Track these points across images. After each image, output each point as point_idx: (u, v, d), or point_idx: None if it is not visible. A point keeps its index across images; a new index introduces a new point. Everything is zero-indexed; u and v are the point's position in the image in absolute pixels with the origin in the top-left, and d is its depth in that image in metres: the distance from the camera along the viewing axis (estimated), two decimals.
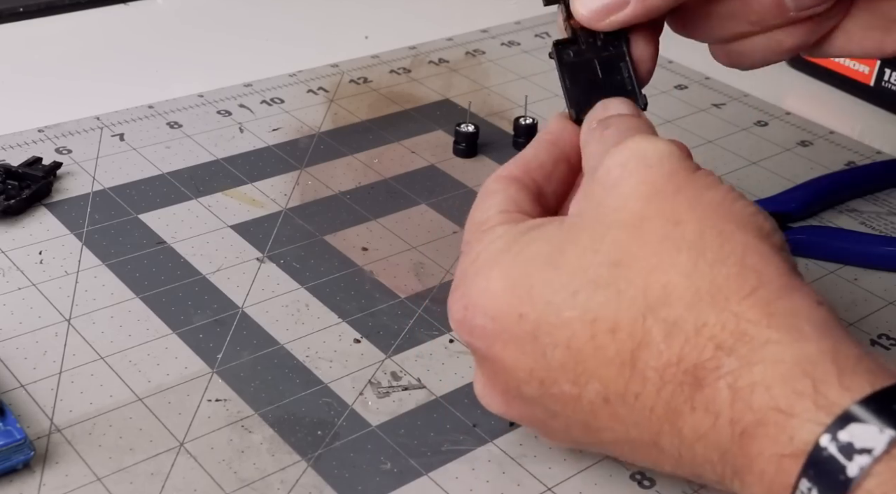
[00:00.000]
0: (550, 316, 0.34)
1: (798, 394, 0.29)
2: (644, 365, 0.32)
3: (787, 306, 0.31)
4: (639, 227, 0.33)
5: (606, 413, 0.33)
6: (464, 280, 0.36)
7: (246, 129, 0.59)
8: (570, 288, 0.33)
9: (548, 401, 0.35)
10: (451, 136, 0.59)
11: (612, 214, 0.34)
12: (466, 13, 0.76)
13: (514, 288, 0.35)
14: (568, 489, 0.39)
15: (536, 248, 0.35)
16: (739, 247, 0.33)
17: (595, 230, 0.34)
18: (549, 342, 0.34)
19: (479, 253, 0.36)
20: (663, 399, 0.32)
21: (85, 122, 0.58)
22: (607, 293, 0.33)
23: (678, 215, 0.33)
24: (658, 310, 0.32)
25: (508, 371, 0.35)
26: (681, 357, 0.31)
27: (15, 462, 0.37)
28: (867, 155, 0.61)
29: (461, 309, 0.36)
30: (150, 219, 0.51)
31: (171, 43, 0.70)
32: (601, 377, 0.33)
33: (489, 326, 0.35)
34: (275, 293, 0.47)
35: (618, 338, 0.32)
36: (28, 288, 0.46)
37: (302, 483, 0.38)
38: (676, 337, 0.32)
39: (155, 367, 0.42)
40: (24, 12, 0.71)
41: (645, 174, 0.34)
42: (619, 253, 0.33)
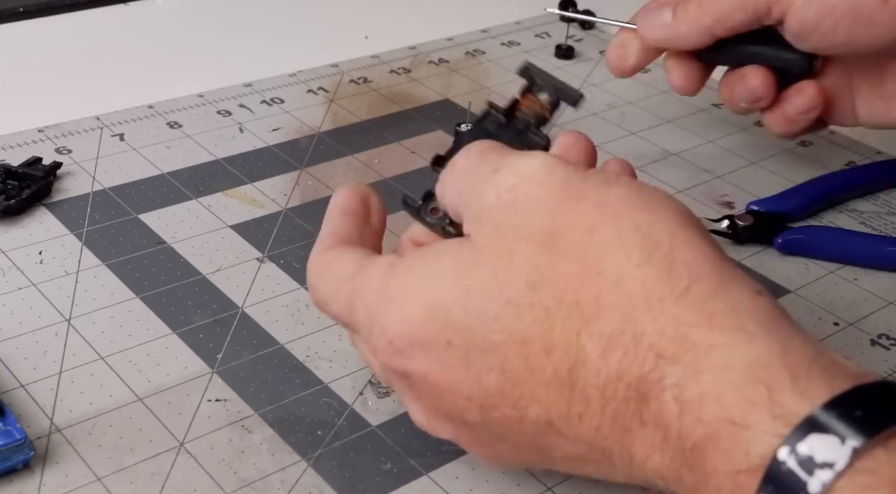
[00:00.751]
0: (478, 341, 0.32)
1: (751, 404, 0.28)
2: (584, 384, 0.31)
3: (727, 302, 0.30)
4: (552, 242, 0.32)
5: (553, 434, 0.32)
6: (375, 316, 0.34)
7: (246, 129, 0.59)
8: (489, 312, 0.32)
9: (492, 426, 0.33)
10: (451, 136, 0.59)
11: (516, 231, 0.32)
12: (466, 13, 0.76)
13: (432, 315, 0.33)
14: (568, 489, 0.39)
15: (441, 267, 0.33)
16: (665, 240, 0.31)
17: (501, 249, 0.32)
18: (483, 367, 0.32)
19: (374, 286, 0.35)
20: (608, 416, 0.30)
21: (85, 122, 0.58)
22: (533, 314, 0.31)
23: (589, 221, 0.32)
24: (592, 325, 0.30)
25: (446, 398, 0.34)
26: (620, 372, 0.30)
27: (15, 462, 0.37)
28: (867, 155, 0.61)
29: (385, 346, 0.34)
30: (150, 219, 0.51)
31: (171, 43, 0.70)
32: (541, 399, 0.31)
33: (420, 355, 0.33)
34: (275, 293, 0.47)
35: (553, 358, 0.31)
36: (28, 288, 0.46)
37: (302, 483, 0.38)
38: (614, 350, 0.30)
39: (155, 367, 0.42)
40: (24, 12, 0.71)
41: (539, 191, 0.33)
42: (535, 272, 0.31)
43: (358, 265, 0.36)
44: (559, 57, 0.70)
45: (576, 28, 0.74)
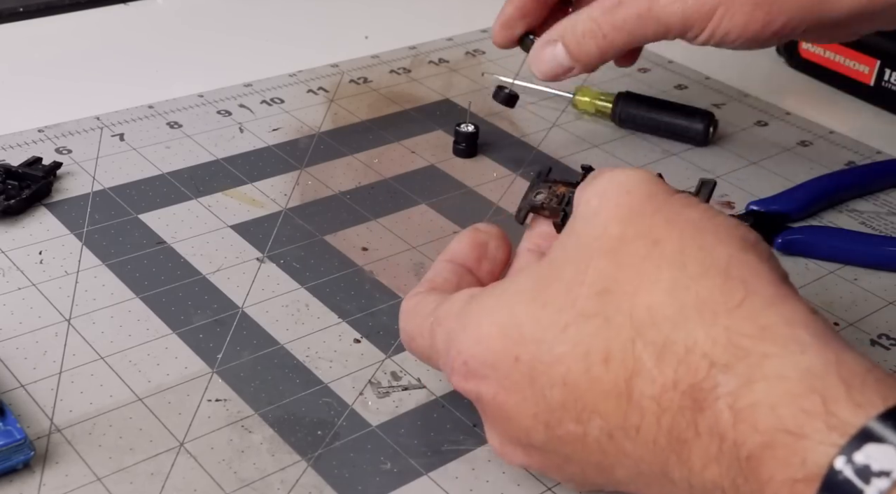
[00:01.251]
0: (543, 354, 0.33)
1: (807, 413, 0.28)
2: (640, 395, 0.31)
3: (781, 315, 0.30)
4: (618, 251, 0.33)
5: (613, 450, 0.32)
6: (452, 340, 0.36)
7: (246, 129, 0.59)
8: (559, 324, 0.33)
9: (557, 445, 0.34)
10: (451, 136, 0.59)
11: (593, 243, 0.34)
12: (466, 13, 0.76)
13: (505, 331, 0.34)
14: (568, 489, 0.39)
15: (519, 286, 0.35)
16: (723, 259, 0.32)
17: (578, 261, 0.33)
18: (547, 382, 0.33)
19: (458, 313, 0.36)
20: (664, 428, 0.31)
21: (85, 122, 0.58)
22: (596, 322, 0.32)
23: (656, 234, 0.33)
24: (646, 334, 0.31)
25: (514, 419, 0.34)
26: (676, 380, 0.30)
27: (15, 462, 0.37)
28: (867, 155, 0.61)
29: (461, 365, 0.35)
30: (150, 219, 0.51)
31: (171, 43, 0.70)
32: (601, 411, 0.32)
33: (491, 375, 0.34)
34: (275, 293, 0.47)
35: (611, 368, 0.32)
36: (28, 288, 0.46)
37: (302, 483, 0.38)
38: (668, 359, 0.30)
39: (155, 367, 0.42)
40: (24, 12, 0.71)
41: (623, 199, 0.34)
42: (603, 280, 0.33)
43: (439, 302, 0.38)
44: None
45: None
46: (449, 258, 0.41)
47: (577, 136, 0.61)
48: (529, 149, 0.60)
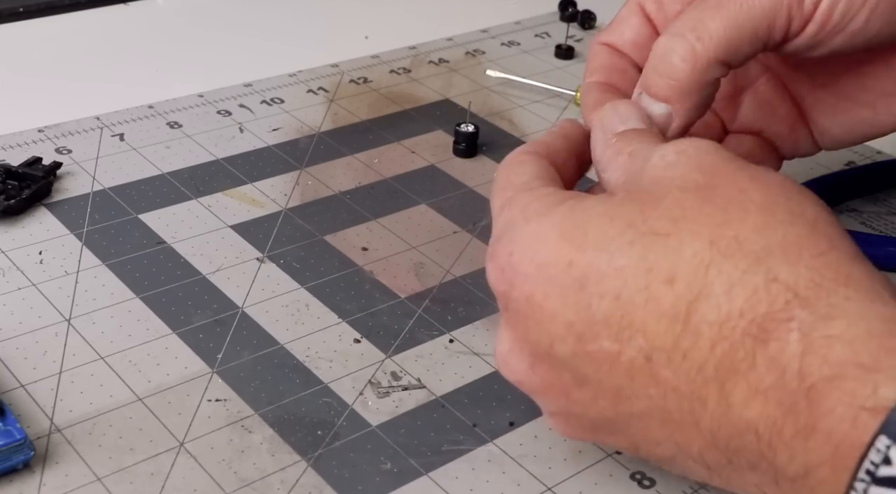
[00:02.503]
0: (602, 263, 0.32)
1: (886, 350, 0.27)
2: (699, 320, 0.30)
3: (864, 271, 0.30)
4: (702, 191, 0.32)
5: (645, 375, 0.31)
6: (510, 228, 0.34)
7: (246, 129, 0.59)
8: (625, 237, 0.32)
9: (581, 362, 0.33)
10: (451, 136, 0.59)
11: (671, 182, 0.33)
12: (466, 13, 0.76)
13: (567, 235, 0.33)
14: (568, 489, 0.39)
15: (592, 203, 0.34)
16: (810, 213, 0.32)
17: (655, 192, 0.33)
18: (597, 291, 0.32)
19: (528, 204, 0.35)
20: (716, 356, 0.30)
21: (85, 122, 0.58)
22: (667, 242, 0.31)
23: (743, 185, 0.32)
24: (724, 262, 0.30)
25: (544, 324, 0.33)
26: (745, 309, 0.29)
27: (15, 462, 0.37)
28: (867, 155, 0.61)
29: (506, 256, 0.34)
30: (150, 219, 0.51)
31: (171, 43, 0.70)
32: (648, 332, 0.31)
33: (533, 273, 0.33)
34: (275, 293, 0.47)
35: (675, 289, 0.31)
36: (28, 288, 0.46)
37: (302, 483, 0.38)
38: (742, 288, 0.30)
39: (155, 367, 0.42)
40: (24, 12, 0.71)
41: (704, 157, 0.33)
42: (682, 210, 0.32)
43: (529, 181, 0.36)
44: (559, 57, 0.70)
45: (576, 28, 0.74)
46: (564, 134, 0.40)
47: None
48: None
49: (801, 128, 0.45)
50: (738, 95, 0.46)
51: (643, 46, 0.42)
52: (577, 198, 0.34)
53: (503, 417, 0.41)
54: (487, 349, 0.45)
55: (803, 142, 0.46)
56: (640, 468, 0.40)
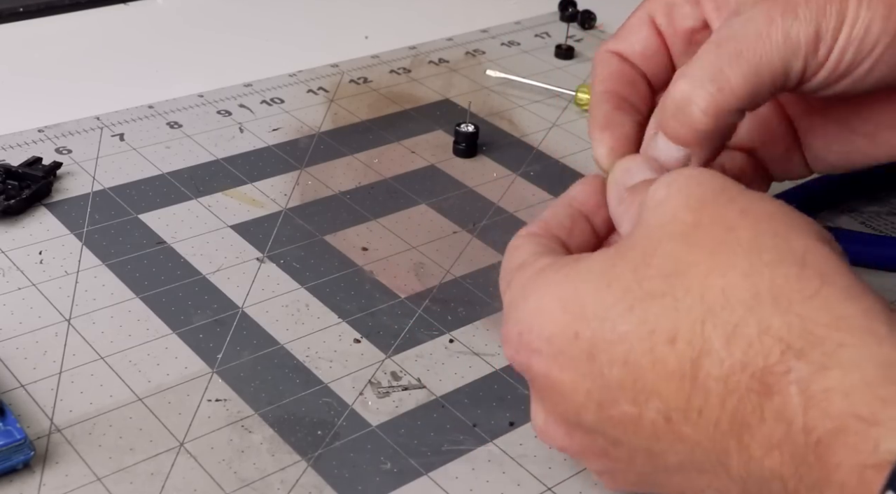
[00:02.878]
0: (606, 332, 0.32)
1: (882, 401, 0.27)
2: (706, 376, 0.30)
3: (857, 308, 0.30)
4: (691, 235, 0.32)
5: (669, 434, 0.32)
6: (514, 309, 0.35)
7: (246, 129, 0.59)
8: (624, 304, 0.32)
9: (608, 427, 0.33)
10: (451, 136, 0.59)
11: (662, 229, 0.33)
12: (466, 13, 0.76)
13: (567, 307, 0.33)
14: (568, 489, 0.39)
15: (586, 267, 0.34)
16: (799, 249, 0.31)
17: (646, 246, 0.33)
18: (606, 359, 0.32)
19: (525, 282, 0.36)
20: (728, 411, 0.30)
21: (85, 122, 0.58)
22: (664, 303, 0.31)
23: (731, 222, 0.32)
24: (717, 315, 0.30)
25: (567, 396, 0.34)
26: (745, 363, 0.30)
27: (15, 462, 0.37)
28: None
29: (515, 336, 0.35)
30: (150, 219, 0.51)
31: (171, 43, 0.70)
32: (661, 393, 0.31)
33: (545, 349, 0.34)
34: (275, 293, 0.47)
35: (677, 349, 0.31)
36: (28, 288, 0.46)
37: (302, 483, 0.38)
38: (738, 342, 0.30)
39: (155, 367, 0.42)
40: (24, 12, 0.71)
41: (694, 189, 0.33)
42: (672, 263, 0.32)
43: (524, 260, 0.37)
44: (559, 57, 0.70)
45: (576, 28, 0.74)
46: (568, 202, 0.40)
47: (578, 136, 0.61)
48: (529, 148, 0.60)
49: (795, 152, 0.45)
50: None
51: (652, 58, 0.42)
52: (573, 264, 0.35)
53: (503, 417, 0.41)
54: (487, 349, 0.45)
55: (796, 165, 0.45)
56: None
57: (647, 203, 0.34)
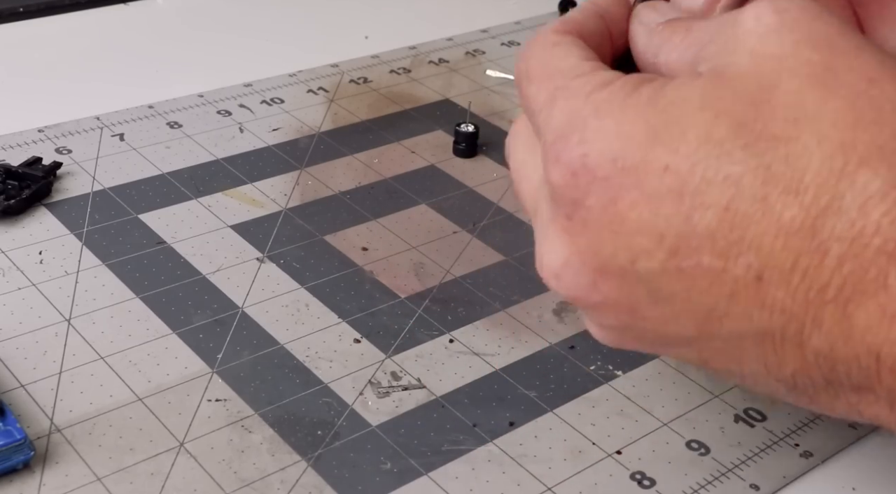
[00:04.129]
0: (708, 171, 0.27)
1: None
2: (829, 234, 0.27)
3: None
4: (823, 78, 0.27)
5: (751, 296, 0.28)
6: (578, 123, 0.30)
7: (246, 129, 0.59)
8: (738, 140, 0.27)
9: (669, 280, 0.29)
10: (451, 136, 0.59)
11: (781, 62, 0.28)
12: (466, 13, 0.76)
13: (660, 134, 0.28)
14: (568, 489, 0.39)
15: (679, 94, 0.29)
16: None
17: (760, 77, 0.28)
18: (700, 202, 0.28)
19: (592, 92, 0.30)
20: (842, 274, 0.26)
21: (85, 122, 0.58)
22: (791, 148, 0.27)
23: (870, 72, 0.27)
24: (858, 171, 0.26)
25: (626, 236, 0.29)
26: (881, 226, 0.26)
27: (15, 462, 0.37)
28: None
29: (578, 157, 0.29)
30: (150, 219, 0.51)
31: (171, 43, 0.70)
32: (762, 248, 0.27)
33: (616, 179, 0.29)
34: (275, 293, 0.47)
35: (800, 201, 0.27)
36: (28, 288, 0.46)
37: (302, 483, 0.38)
38: (877, 205, 0.26)
39: (155, 367, 0.42)
40: (24, 12, 0.71)
41: (813, 23, 0.28)
42: (801, 107, 0.27)
43: (578, 66, 0.31)
44: None
45: None
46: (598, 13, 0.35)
47: None
48: None
49: None
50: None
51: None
52: (655, 84, 0.29)
53: (503, 417, 0.41)
54: (487, 349, 0.45)
55: None
56: (640, 468, 0.40)
57: (748, 27, 0.29)
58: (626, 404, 0.43)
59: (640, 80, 0.30)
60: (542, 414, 0.42)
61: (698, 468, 0.40)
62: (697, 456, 0.40)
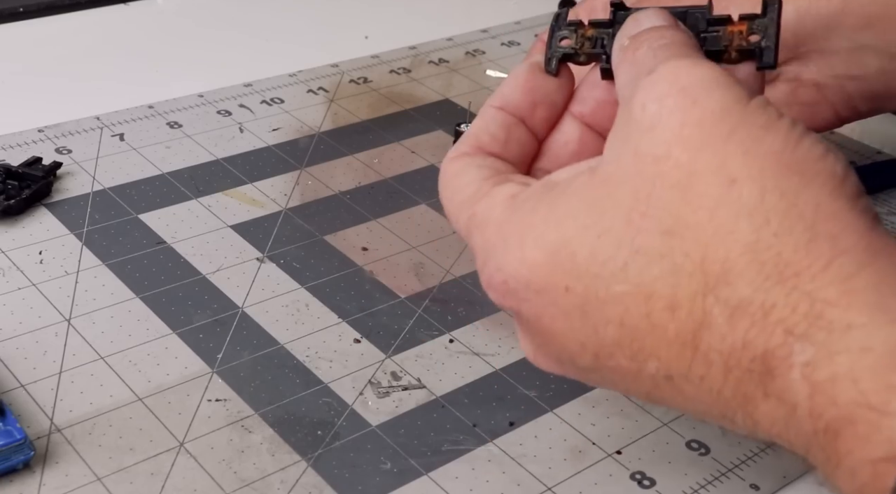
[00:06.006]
0: (599, 290, 0.30)
1: (892, 389, 0.26)
2: (707, 348, 0.29)
3: (870, 279, 0.27)
4: (689, 187, 0.29)
5: (669, 389, 0.30)
6: (492, 253, 0.33)
7: (246, 129, 0.59)
8: (618, 260, 0.30)
9: (605, 372, 0.32)
10: (451, 136, 0.59)
11: (655, 166, 0.30)
12: (466, 13, 0.76)
13: (555, 258, 0.31)
14: (568, 489, 0.39)
15: (569, 207, 0.31)
16: (809, 210, 0.28)
17: (638, 187, 0.30)
18: (601, 318, 0.30)
19: (494, 219, 0.33)
20: (731, 383, 0.29)
21: (85, 122, 0.58)
22: (662, 266, 0.29)
23: (732, 171, 0.29)
24: (719, 290, 0.28)
25: (558, 343, 0.32)
26: (746, 342, 0.28)
27: (15, 462, 0.37)
28: (867, 155, 0.61)
29: (500, 284, 0.33)
30: (150, 219, 0.51)
31: (171, 43, 0.70)
32: (661, 356, 0.30)
33: (534, 300, 0.32)
34: (275, 293, 0.47)
35: (677, 317, 0.29)
36: (28, 288, 0.46)
37: (302, 483, 0.38)
38: (741, 320, 0.28)
39: (155, 367, 0.42)
40: (24, 12, 0.71)
41: (689, 114, 0.30)
42: (669, 218, 0.29)
43: (478, 189, 0.34)
44: None
45: None
46: (498, 104, 0.36)
47: None
48: None
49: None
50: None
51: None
52: (548, 196, 0.32)
53: (503, 417, 0.41)
54: (487, 349, 0.45)
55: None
56: (640, 468, 0.40)
57: (635, 117, 0.31)
58: (626, 404, 0.43)
59: (538, 191, 0.33)
60: (542, 414, 0.42)
61: (698, 468, 0.40)
62: (697, 456, 0.40)
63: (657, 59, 0.32)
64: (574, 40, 0.36)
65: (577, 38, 0.36)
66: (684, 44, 0.33)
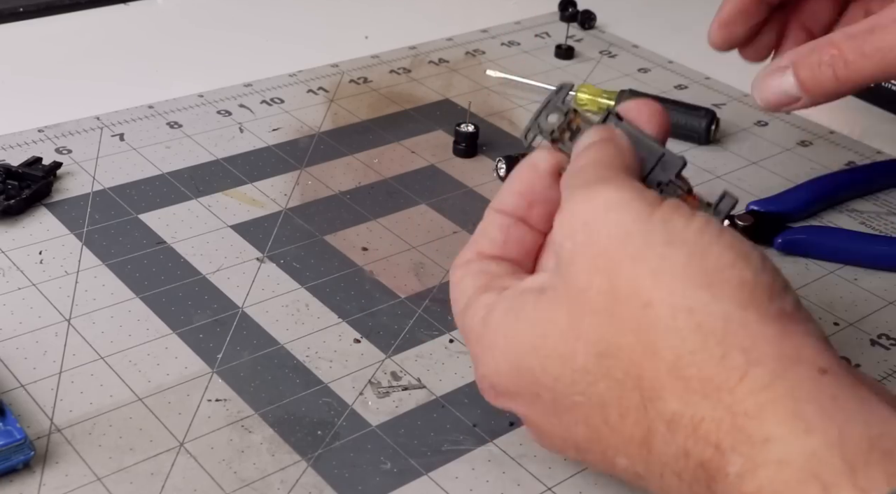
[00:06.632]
0: (562, 399, 0.33)
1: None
2: (659, 452, 0.31)
3: (785, 387, 0.29)
4: (613, 313, 0.32)
5: (641, 482, 0.33)
6: (476, 361, 0.36)
7: (246, 129, 0.59)
8: (566, 377, 0.33)
9: (590, 462, 0.35)
10: (451, 136, 0.59)
11: (582, 295, 0.32)
12: (466, 13, 0.76)
13: (519, 372, 0.34)
14: (568, 489, 0.39)
15: (521, 327, 0.34)
16: (719, 325, 0.30)
17: (572, 312, 0.33)
18: (570, 420, 0.34)
19: (474, 332, 0.36)
20: (686, 482, 0.31)
21: (85, 122, 0.58)
22: (607, 382, 0.32)
23: (644, 294, 0.31)
24: (655, 404, 0.31)
25: (548, 436, 0.36)
26: (686, 450, 0.30)
27: (15, 462, 0.37)
28: (867, 155, 0.61)
29: (489, 389, 0.36)
30: (150, 219, 0.51)
31: (171, 43, 0.70)
32: (626, 453, 0.32)
33: (518, 401, 0.35)
34: (275, 293, 0.47)
35: (628, 423, 0.32)
36: (28, 288, 0.46)
37: (302, 483, 0.38)
38: (679, 431, 0.30)
39: (155, 367, 0.42)
40: (24, 12, 0.71)
41: (596, 246, 0.32)
42: (602, 342, 0.32)
43: (468, 300, 0.37)
44: (559, 57, 0.70)
45: (576, 28, 0.74)
46: (497, 207, 0.38)
47: None
48: (529, 148, 0.60)
49: None
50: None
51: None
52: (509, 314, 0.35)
53: (503, 417, 0.41)
54: None
55: None
56: None
57: (558, 253, 0.34)
58: None
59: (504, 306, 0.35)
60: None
61: None
62: None
63: (571, 184, 0.35)
64: (558, 124, 0.38)
65: (562, 123, 0.38)
66: (600, 164, 0.35)
